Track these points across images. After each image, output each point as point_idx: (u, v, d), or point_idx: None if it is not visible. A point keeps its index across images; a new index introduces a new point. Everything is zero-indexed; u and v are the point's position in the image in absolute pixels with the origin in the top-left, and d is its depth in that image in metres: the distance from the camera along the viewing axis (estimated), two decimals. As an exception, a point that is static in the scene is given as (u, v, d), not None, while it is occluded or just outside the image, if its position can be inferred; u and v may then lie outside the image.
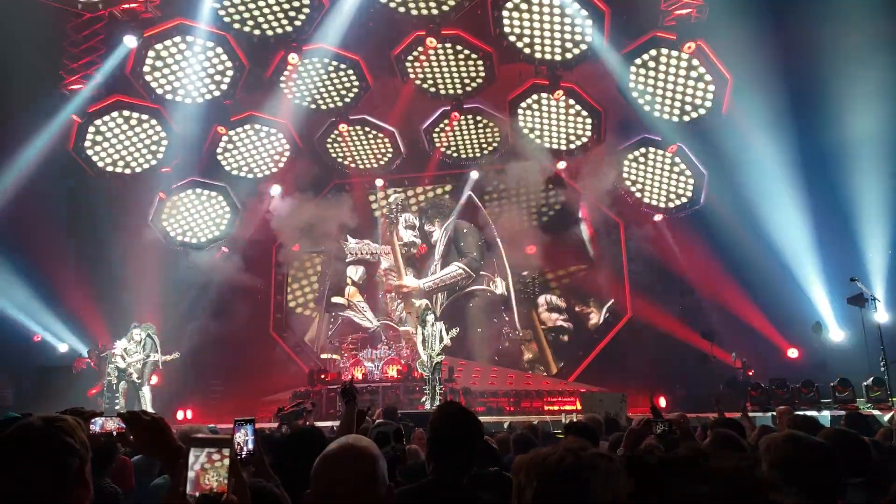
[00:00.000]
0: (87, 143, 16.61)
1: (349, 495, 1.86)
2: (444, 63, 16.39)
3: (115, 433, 2.67)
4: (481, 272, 19.72)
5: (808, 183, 15.06)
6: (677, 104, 15.89)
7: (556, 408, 16.25)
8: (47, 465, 1.74)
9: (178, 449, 1.75)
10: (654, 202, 18.02)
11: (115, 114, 16.56)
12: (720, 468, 1.03)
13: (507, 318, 19.31)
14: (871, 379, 12.73)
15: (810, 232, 15.33)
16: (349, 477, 1.88)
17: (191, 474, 1.62)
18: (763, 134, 14.84)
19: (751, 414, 11.42)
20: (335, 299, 20.33)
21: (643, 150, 17.48)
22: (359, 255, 20.34)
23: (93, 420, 2.61)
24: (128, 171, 17.41)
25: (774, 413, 8.43)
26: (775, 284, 15.65)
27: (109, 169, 17.14)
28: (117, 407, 13.73)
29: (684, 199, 17.60)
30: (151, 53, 15.51)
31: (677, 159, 17.12)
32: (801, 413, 7.30)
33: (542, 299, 19.44)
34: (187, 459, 1.64)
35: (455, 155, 19.42)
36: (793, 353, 16.15)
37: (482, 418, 5.87)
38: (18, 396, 16.61)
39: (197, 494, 1.61)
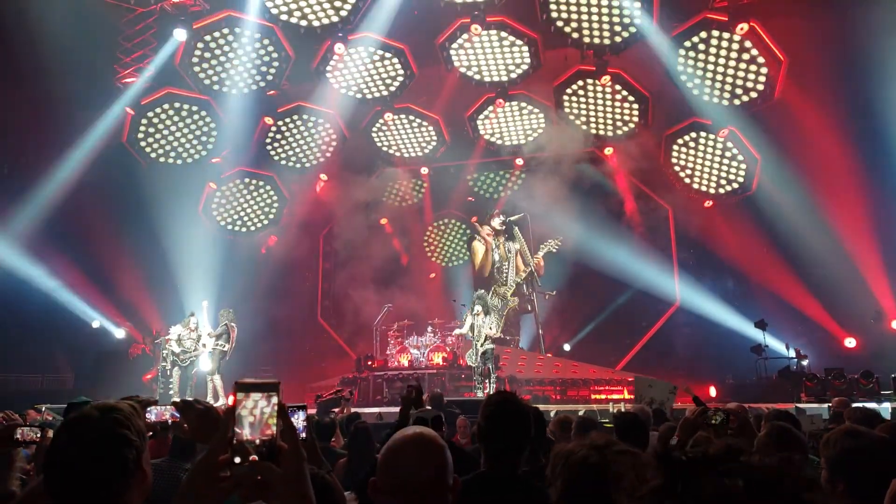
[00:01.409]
0: (140, 135, 17.08)
1: (420, 486, 1.84)
2: (488, 50, 16.28)
3: (169, 422, 2.73)
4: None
5: (868, 166, 14.49)
6: (728, 87, 15.44)
7: (603, 396, 16.10)
8: (104, 458, 1.74)
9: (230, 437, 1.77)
10: (703, 188, 17.60)
11: (166, 105, 16.99)
12: (756, 465, 1.00)
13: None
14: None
15: (870, 216, 14.77)
16: (419, 467, 1.86)
17: (251, 419, 1.61)
18: (820, 116, 14.33)
19: (806, 405, 11.15)
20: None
21: (693, 134, 17.06)
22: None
23: (148, 409, 2.68)
24: (179, 161, 17.83)
25: (830, 405, 8.16)
26: (832, 271, 15.14)
27: (161, 160, 17.59)
28: (171, 392, 14.08)
29: (735, 185, 17.14)
30: (200, 45, 15.81)
31: (729, 144, 16.66)
32: (860, 405, 7.06)
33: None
34: (235, 405, 1.61)
35: (499, 142, 19.32)
36: (850, 342, 15.62)
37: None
38: (78, 381, 17.25)
39: (257, 441, 1.60)
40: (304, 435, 2.70)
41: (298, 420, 2.72)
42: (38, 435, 3.30)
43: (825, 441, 2.64)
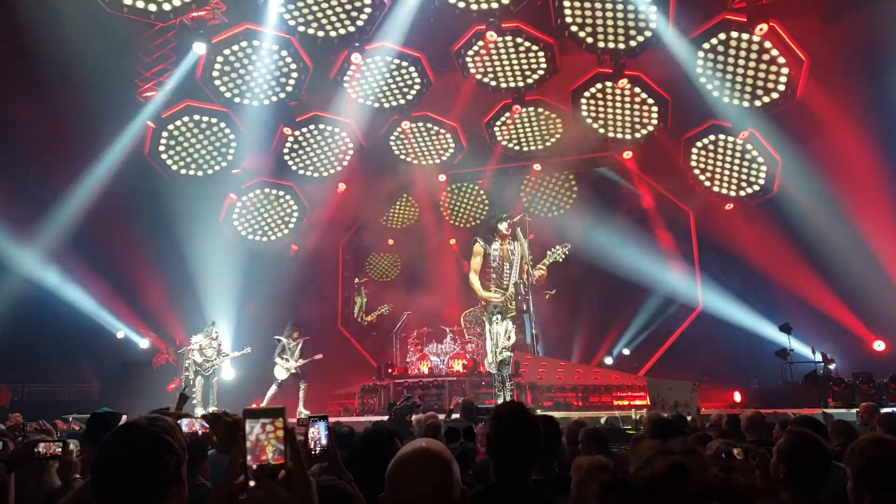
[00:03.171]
0: (161, 148, 17.26)
1: (425, 500, 1.86)
2: (504, 56, 16.27)
3: (200, 433, 2.77)
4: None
5: (893, 164, 14.26)
6: (748, 88, 15.25)
7: (625, 402, 15.96)
8: (149, 461, 1.84)
9: None
10: (724, 191, 17.40)
11: (186, 118, 17.15)
12: (698, 482, 1.04)
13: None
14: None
15: (896, 216, 14.54)
16: (423, 482, 1.88)
17: (249, 444, 1.65)
18: (843, 116, 14.12)
19: (834, 411, 10.95)
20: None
21: (712, 137, 16.89)
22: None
23: (179, 421, 2.72)
24: (200, 173, 17.98)
25: (859, 410, 8.01)
26: (858, 273, 14.89)
27: (182, 172, 17.75)
28: (194, 402, 14.20)
29: (756, 188, 16.92)
30: (220, 58, 15.97)
31: (749, 146, 16.46)
32: (890, 410, 6.92)
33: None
34: (244, 431, 1.66)
35: (517, 148, 19.29)
36: (879, 345, 15.35)
37: (551, 413, 5.77)
38: (103, 391, 17.49)
39: (255, 466, 1.63)
40: (325, 443, 2.71)
41: (320, 430, 2.72)
42: (60, 449, 3.34)
43: (850, 450, 2.58)
